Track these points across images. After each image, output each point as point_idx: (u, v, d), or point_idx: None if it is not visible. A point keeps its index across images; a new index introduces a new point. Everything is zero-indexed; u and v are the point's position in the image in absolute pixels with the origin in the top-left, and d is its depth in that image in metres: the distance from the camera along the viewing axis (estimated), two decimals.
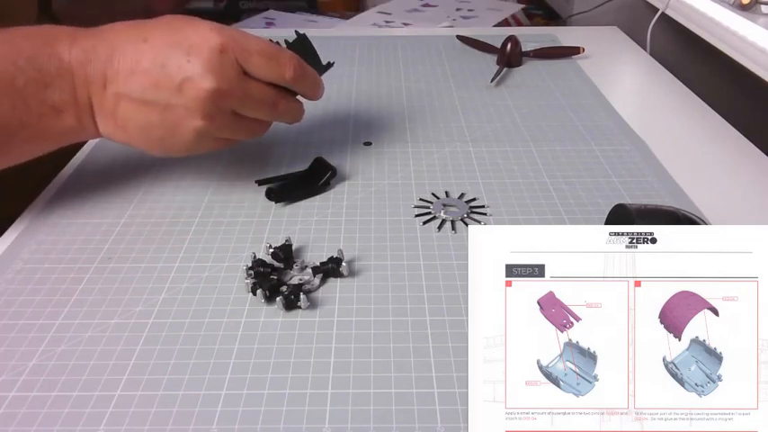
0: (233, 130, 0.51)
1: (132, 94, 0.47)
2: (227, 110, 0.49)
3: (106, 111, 0.48)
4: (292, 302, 0.42)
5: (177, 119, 0.47)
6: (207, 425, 0.35)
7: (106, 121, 0.49)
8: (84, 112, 0.48)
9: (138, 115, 0.48)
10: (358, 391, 0.37)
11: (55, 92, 0.47)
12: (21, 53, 0.46)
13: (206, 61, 0.46)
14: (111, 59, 0.47)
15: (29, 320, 0.42)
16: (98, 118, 0.49)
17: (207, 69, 0.46)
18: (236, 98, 0.48)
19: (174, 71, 0.46)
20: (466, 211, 0.52)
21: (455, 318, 0.42)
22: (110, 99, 0.48)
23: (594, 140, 0.64)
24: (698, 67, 0.91)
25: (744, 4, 0.76)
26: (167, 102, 0.47)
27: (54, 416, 0.35)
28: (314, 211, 0.53)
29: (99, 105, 0.48)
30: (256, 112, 0.51)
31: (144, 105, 0.47)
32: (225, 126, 0.49)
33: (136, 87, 0.47)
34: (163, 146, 0.50)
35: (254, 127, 0.52)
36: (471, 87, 0.77)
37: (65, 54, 0.47)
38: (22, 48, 0.46)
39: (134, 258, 0.48)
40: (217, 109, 0.48)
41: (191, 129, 0.48)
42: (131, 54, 0.47)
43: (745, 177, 0.59)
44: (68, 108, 0.48)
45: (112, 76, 0.47)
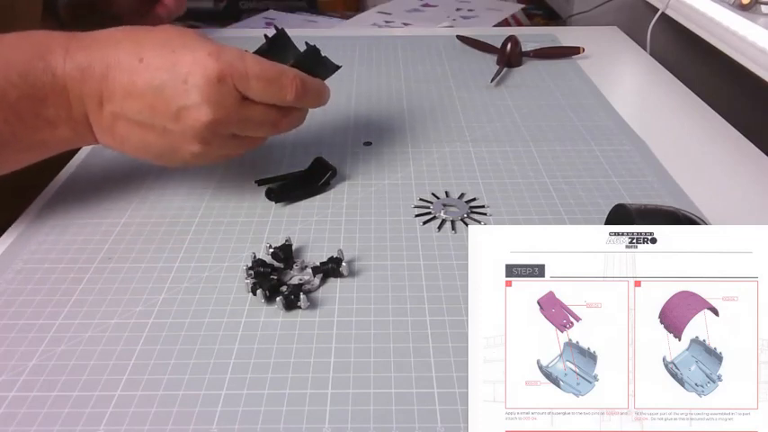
0: (232, 148, 0.50)
1: (129, 115, 0.46)
2: (224, 135, 0.48)
3: (103, 127, 0.48)
4: (292, 302, 0.42)
5: (175, 142, 0.47)
6: (207, 425, 0.35)
7: (104, 135, 0.48)
8: (80, 126, 0.48)
9: (136, 135, 0.47)
10: (358, 391, 0.37)
11: (49, 108, 0.46)
12: (12, 67, 0.45)
13: (203, 92, 0.45)
14: (107, 77, 0.46)
15: (29, 320, 0.42)
16: (96, 132, 0.48)
17: (204, 100, 0.45)
18: (234, 124, 0.47)
19: (171, 98, 0.45)
20: (466, 211, 0.52)
21: (455, 318, 0.42)
22: (107, 117, 0.47)
23: (594, 140, 0.64)
24: (698, 67, 0.91)
25: (744, 4, 0.76)
26: (164, 126, 0.46)
27: (54, 416, 0.35)
28: (314, 211, 0.53)
29: (96, 122, 0.47)
30: (257, 132, 0.50)
31: (141, 127, 0.47)
32: (223, 147, 0.49)
33: (132, 110, 0.46)
34: (162, 161, 0.50)
35: (253, 143, 0.51)
36: (471, 87, 0.77)
37: (58, 68, 0.46)
38: (14, 61, 0.45)
39: (134, 258, 0.48)
40: (213, 136, 0.47)
41: (188, 152, 0.47)
42: (127, 73, 0.45)
43: (745, 177, 0.59)
44: (63, 122, 0.47)
45: (108, 95, 0.46)
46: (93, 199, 0.55)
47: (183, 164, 0.50)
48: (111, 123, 0.47)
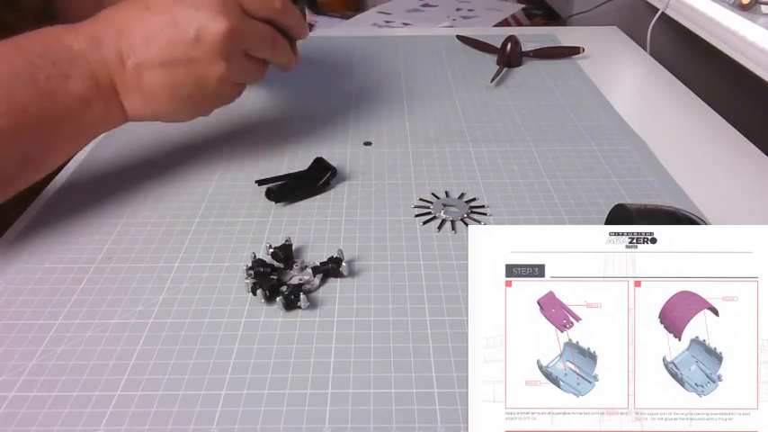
0: (246, 71, 0.53)
1: (153, 60, 0.48)
2: (240, 50, 0.51)
3: (130, 86, 0.49)
4: (292, 302, 0.42)
5: (201, 69, 0.49)
6: (207, 425, 0.35)
7: (132, 97, 0.50)
8: (109, 96, 0.49)
9: (164, 79, 0.49)
10: (358, 391, 0.37)
11: (76, 82, 0.47)
12: (32, 52, 0.47)
13: (213, 7, 0.48)
14: (121, 35, 0.48)
15: (29, 320, 0.42)
16: (124, 98, 0.50)
17: (217, 12, 0.48)
18: (245, 36, 0.50)
19: (187, 25, 0.48)
20: (466, 211, 0.52)
21: (455, 318, 0.42)
22: (131, 73, 0.49)
23: (594, 140, 0.64)
24: (698, 67, 0.91)
25: (744, 4, 0.76)
26: (188, 56, 0.48)
27: (54, 416, 0.35)
28: (314, 211, 0.53)
29: (122, 83, 0.49)
30: (261, 51, 0.53)
31: (167, 67, 0.49)
32: (240, 68, 0.51)
33: (154, 53, 0.48)
34: (192, 103, 0.52)
35: (260, 68, 0.54)
36: (471, 87, 0.77)
37: (74, 44, 0.48)
38: (31, 48, 0.47)
39: (134, 258, 0.48)
40: (233, 49, 0.50)
41: (215, 76, 0.50)
42: (139, 24, 0.48)
43: (745, 177, 0.59)
44: (94, 95, 0.48)
45: (128, 50, 0.48)
46: (94, 199, 0.55)
47: (210, 98, 0.52)
48: (137, 78, 0.49)
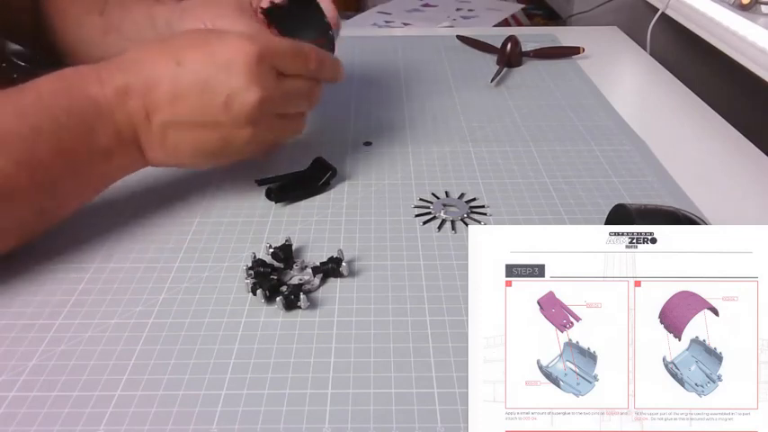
0: (279, 129, 0.52)
1: (179, 119, 0.47)
2: (272, 114, 0.50)
3: (154, 141, 0.48)
4: (292, 302, 0.42)
5: (227, 133, 0.48)
6: (207, 425, 0.35)
7: (155, 150, 0.48)
8: (132, 149, 0.48)
9: (189, 138, 0.48)
10: (358, 391, 0.37)
11: (100, 137, 0.45)
12: (56, 107, 0.44)
13: (247, 74, 0.46)
14: (149, 91, 0.46)
15: (29, 320, 0.42)
16: (146, 151, 0.48)
17: (250, 81, 0.46)
18: (278, 100, 0.49)
19: (218, 88, 0.46)
20: (466, 211, 0.52)
21: (455, 318, 0.42)
22: (156, 130, 0.47)
23: (594, 140, 0.64)
24: (698, 67, 0.91)
25: (744, 4, 0.76)
26: (216, 120, 0.47)
27: (54, 416, 0.35)
28: (314, 211, 0.53)
29: (146, 137, 0.47)
30: (297, 106, 0.52)
31: (193, 128, 0.47)
32: (270, 128, 0.50)
33: (182, 112, 0.47)
34: (214, 159, 0.51)
35: (296, 123, 0.54)
36: (471, 87, 0.77)
37: (99, 97, 0.45)
38: (56, 102, 0.44)
39: (134, 258, 0.48)
40: (263, 116, 0.48)
41: (241, 139, 0.48)
42: (168, 80, 0.46)
43: (745, 177, 0.59)
44: (116, 147, 0.47)
45: (154, 107, 0.46)
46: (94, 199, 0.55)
47: (236, 156, 0.51)
48: (161, 135, 0.47)
